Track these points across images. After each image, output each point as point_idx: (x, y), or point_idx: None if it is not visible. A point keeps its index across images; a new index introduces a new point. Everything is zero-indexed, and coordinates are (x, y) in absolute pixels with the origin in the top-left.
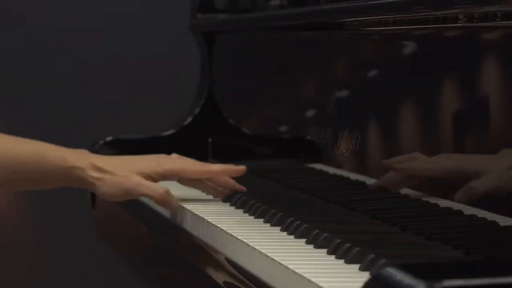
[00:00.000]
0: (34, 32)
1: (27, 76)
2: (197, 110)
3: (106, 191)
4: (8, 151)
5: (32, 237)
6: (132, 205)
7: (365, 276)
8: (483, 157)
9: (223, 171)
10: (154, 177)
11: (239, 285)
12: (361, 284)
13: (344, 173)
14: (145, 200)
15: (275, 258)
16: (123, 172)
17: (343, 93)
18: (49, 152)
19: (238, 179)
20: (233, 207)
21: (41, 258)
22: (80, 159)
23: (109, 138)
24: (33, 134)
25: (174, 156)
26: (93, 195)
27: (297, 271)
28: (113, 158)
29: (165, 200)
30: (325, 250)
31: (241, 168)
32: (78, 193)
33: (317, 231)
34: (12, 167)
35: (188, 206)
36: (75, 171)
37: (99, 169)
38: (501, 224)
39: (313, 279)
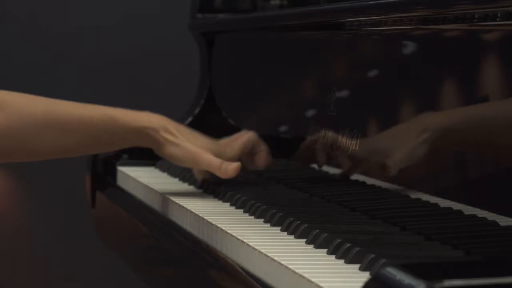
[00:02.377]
0: (34, 32)
1: (27, 76)
2: (197, 110)
3: (176, 154)
4: (81, 116)
5: (32, 237)
6: (132, 205)
7: (365, 276)
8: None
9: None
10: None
11: (238, 285)
12: (361, 284)
13: None
14: (145, 200)
15: (275, 258)
16: (197, 145)
17: (343, 93)
18: (120, 114)
19: (238, 179)
20: (233, 207)
21: (41, 258)
22: (154, 121)
23: None
24: None
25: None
26: (93, 195)
27: (297, 271)
28: (187, 129)
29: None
30: (325, 250)
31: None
32: (78, 193)
33: (317, 231)
34: (86, 131)
35: (188, 206)
36: (148, 131)
37: (172, 133)
38: (501, 224)
39: (313, 279)
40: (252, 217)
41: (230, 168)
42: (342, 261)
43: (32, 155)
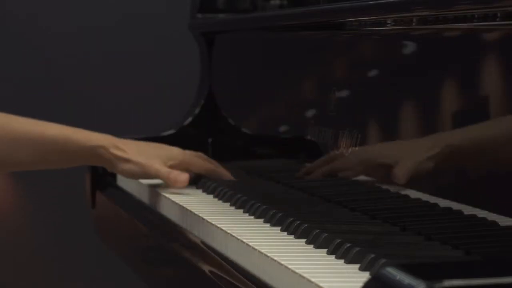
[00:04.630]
0: (34, 32)
1: (27, 76)
2: (197, 110)
3: (128, 169)
4: (41, 134)
5: (32, 237)
6: (132, 205)
7: (365, 276)
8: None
9: (225, 175)
10: (169, 165)
11: (238, 285)
12: (361, 284)
13: None
14: (145, 200)
15: (275, 258)
16: (145, 156)
17: (343, 93)
18: (74, 133)
19: (238, 179)
20: (233, 207)
21: (40, 258)
22: (104, 139)
23: None
24: None
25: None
26: (93, 195)
27: (297, 271)
28: (136, 143)
29: (177, 183)
30: (325, 250)
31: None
32: (78, 193)
33: (317, 231)
34: (44, 149)
35: (188, 206)
36: (99, 150)
37: (122, 150)
38: (501, 224)
39: (313, 279)
40: (252, 217)
41: (180, 179)
42: (342, 261)
43: None
